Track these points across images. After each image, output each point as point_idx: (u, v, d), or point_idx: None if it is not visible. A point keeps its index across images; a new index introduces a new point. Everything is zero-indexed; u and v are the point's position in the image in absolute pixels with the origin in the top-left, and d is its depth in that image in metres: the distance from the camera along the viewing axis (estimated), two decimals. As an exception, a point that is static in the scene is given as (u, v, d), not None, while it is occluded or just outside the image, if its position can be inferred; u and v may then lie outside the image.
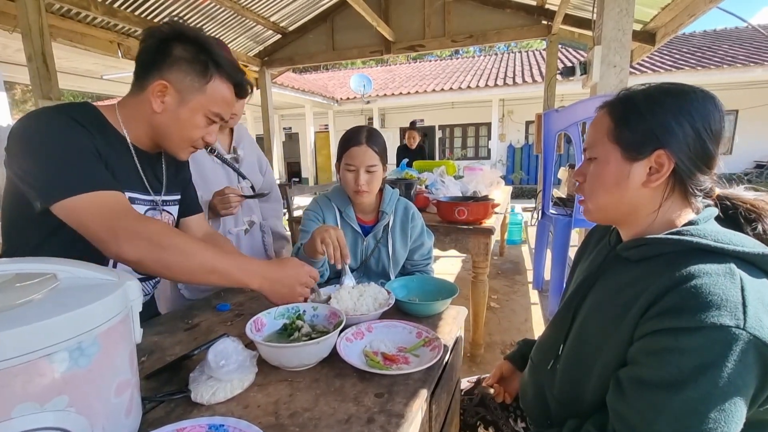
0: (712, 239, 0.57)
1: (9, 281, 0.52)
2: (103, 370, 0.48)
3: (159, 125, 0.90)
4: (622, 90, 0.69)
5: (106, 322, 0.48)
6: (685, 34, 11.01)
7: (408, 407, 0.64)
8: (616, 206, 0.69)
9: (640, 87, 0.68)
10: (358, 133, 1.23)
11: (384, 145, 1.28)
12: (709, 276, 0.54)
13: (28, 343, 0.41)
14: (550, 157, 2.81)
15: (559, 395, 0.75)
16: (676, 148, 0.62)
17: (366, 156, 1.21)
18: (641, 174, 0.65)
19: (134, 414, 0.55)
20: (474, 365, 2.18)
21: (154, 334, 0.92)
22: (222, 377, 0.66)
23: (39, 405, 0.42)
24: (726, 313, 0.50)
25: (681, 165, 0.62)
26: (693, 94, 0.63)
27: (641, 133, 0.64)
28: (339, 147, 1.27)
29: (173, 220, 1.06)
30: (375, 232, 1.31)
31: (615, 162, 0.67)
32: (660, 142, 0.62)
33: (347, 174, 1.23)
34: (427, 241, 1.40)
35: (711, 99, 0.63)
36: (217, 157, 1.31)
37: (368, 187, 1.22)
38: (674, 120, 0.62)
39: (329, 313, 0.88)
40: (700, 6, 2.83)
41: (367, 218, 1.34)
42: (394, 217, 1.33)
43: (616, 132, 0.67)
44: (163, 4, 3.94)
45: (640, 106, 0.65)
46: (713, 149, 0.62)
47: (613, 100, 0.70)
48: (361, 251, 1.31)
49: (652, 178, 0.64)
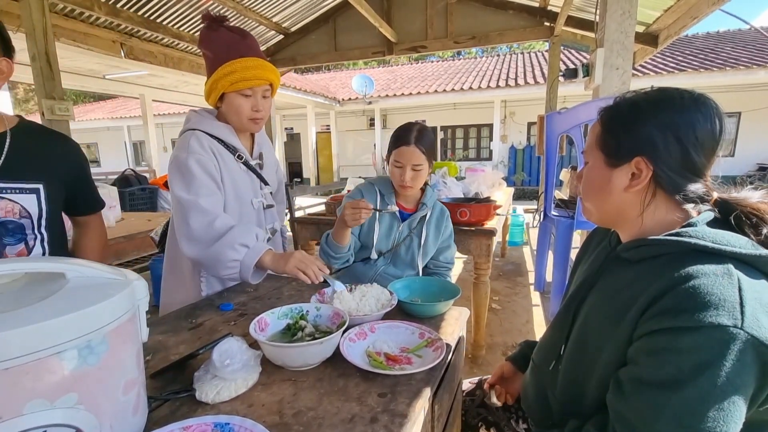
0: (710, 240, 0.58)
1: (19, 280, 0.53)
2: (112, 368, 0.49)
3: None
4: (618, 96, 0.71)
5: (114, 321, 0.49)
6: (687, 35, 10.99)
7: (411, 407, 0.64)
8: (604, 208, 0.72)
9: (631, 94, 0.69)
10: (409, 132, 1.31)
11: (432, 144, 1.36)
12: (707, 276, 0.54)
13: (40, 341, 0.42)
14: (553, 158, 2.81)
15: (561, 396, 0.75)
16: (655, 155, 0.63)
17: (413, 156, 1.30)
18: (623, 179, 0.67)
19: (141, 412, 0.56)
20: (475, 366, 2.18)
21: (159, 333, 0.93)
22: (226, 376, 0.67)
23: (49, 402, 0.43)
24: (724, 313, 0.51)
25: (660, 172, 0.64)
26: (677, 101, 0.63)
27: (621, 140, 0.67)
28: (390, 142, 1.37)
29: (20, 209, 0.96)
30: (411, 221, 1.40)
31: (599, 168, 0.70)
32: (639, 150, 0.64)
33: (395, 169, 1.33)
34: (453, 245, 1.52)
35: (698, 106, 0.63)
36: (244, 163, 1.24)
37: (413, 183, 1.32)
38: (654, 128, 0.63)
39: (332, 314, 0.88)
40: (702, 8, 2.83)
41: (408, 206, 1.43)
42: (432, 212, 1.44)
43: (601, 138, 0.70)
44: (165, 4, 3.95)
45: (623, 113, 0.67)
46: (697, 157, 0.62)
47: (607, 106, 0.71)
48: (395, 237, 1.38)
49: (633, 184, 0.66)
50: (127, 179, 4.70)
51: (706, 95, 0.64)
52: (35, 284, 0.52)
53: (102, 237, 1.23)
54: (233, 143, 1.20)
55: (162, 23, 4.19)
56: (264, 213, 1.32)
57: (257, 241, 1.07)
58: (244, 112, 1.16)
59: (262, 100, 1.18)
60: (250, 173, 1.26)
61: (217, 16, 1.16)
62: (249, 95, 1.15)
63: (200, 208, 1.07)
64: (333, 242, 1.30)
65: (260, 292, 1.20)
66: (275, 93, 1.25)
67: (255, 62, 1.13)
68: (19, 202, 0.94)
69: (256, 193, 1.28)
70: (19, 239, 0.96)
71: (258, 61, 1.13)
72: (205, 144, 1.13)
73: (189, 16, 4.30)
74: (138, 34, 4.25)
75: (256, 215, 1.28)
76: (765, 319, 0.51)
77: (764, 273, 0.57)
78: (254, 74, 1.12)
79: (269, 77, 1.16)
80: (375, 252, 1.37)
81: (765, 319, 0.51)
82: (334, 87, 12.43)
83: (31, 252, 0.98)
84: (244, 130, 1.24)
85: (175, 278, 1.26)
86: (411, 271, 1.43)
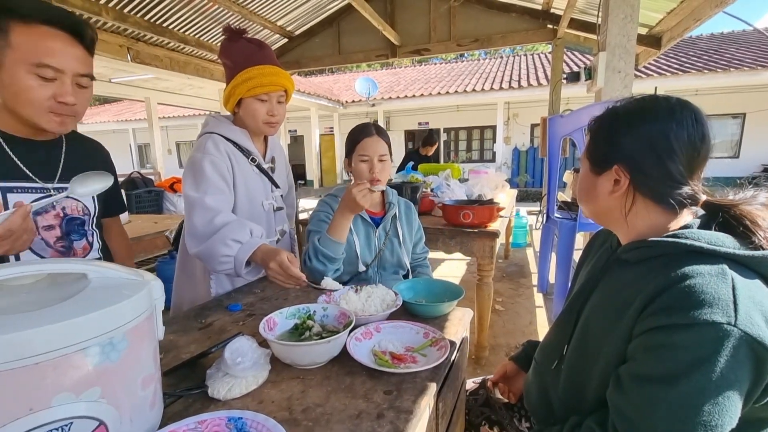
0: (706, 242, 0.60)
1: (43, 281, 0.56)
2: (131, 364, 0.52)
3: (3, 103, 0.84)
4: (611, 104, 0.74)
5: (134, 319, 0.51)
6: (691, 37, 10.96)
7: (416, 404, 0.66)
8: (594, 210, 0.77)
9: (620, 102, 0.72)
10: (368, 126, 1.33)
11: (389, 139, 1.36)
12: (701, 276, 0.56)
13: (66, 337, 0.44)
14: (556, 160, 2.82)
15: (563, 394, 0.77)
16: (631, 164, 0.67)
17: (378, 146, 1.29)
18: (606, 185, 0.71)
19: (157, 407, 0.58)
20: (479, 367, 2.19)
21: (170, 332, 0.95)
22: (238, 374, 0.69)
23: (75, 395, 0.45)
24: (718, 311, 0.53)
25: (637, 180, 0.67)
26: (651, 112, 0.66)
27: (603, 149, 0.71)
28: (348, 142, 1.35)
29: (83, 207, 1.02)
30: (384, 224, 1.38)
31: (586, 174, 0.76)
32: (618, 159, 0.69)
33: (361, 165, 1.29)
34: (423, 233, 1.54)
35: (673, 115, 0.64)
36: (257, 166, 1.28)
37: (381, 176, 1.29)
38: (630, 139, 0.67)
39: (339, 314, 0.90)
40: (705, 10, 2.84)
41: (375, 210, 1.42)
42: (399, 209, 1.43)
43: (588, 147, 0.75)
44: (172, 9, 4.00)
45: (605, 124, 0.72)
46: (674, 165, 0.64)
47: (595, 116, 0.75)
48: (375, 244, 1.37)
49: (615, 189, 0.70)
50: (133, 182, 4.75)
51: (685, 102, 0.66)
52: (59, 284, 0.55)
53: (126, 237, 1.30)
54: (247, 146, 1.26)
55: (168, 27, 4.25)
56: (274, 215, 1.36)
57: (251, 237, 1.09)
58: (260, 116, 1.22)
59: (277, 105, 1.24)
60: (262, 176, 1.31)
61: (237, 29, 1.24)
62: (265, 100, 1.22)
63: (205, 205, 1.11)
64: (332, 240, 1.16)
65: (268, 293, 1.22)
66: (290, 98, 1.30)
67: (271, 70, 1.20)
68: (81, 200, 1.02)
69: (267, 195, 1.33)
70: (82, 234, 1.03)
71: (273, 69, 1.20)
72: (221, 147, 1.19)
73: (194, 21, 4.35)
74: (144, 38, 4.30)
75: (266, 217, 1.33)
76: (758, 317, 0.53)
77: (758, 273, 0.59)
78: (270, 80, 1.19)
79: (284, 83, 1.23)
80: (362, 264, 1.34)
81: (758, 317, 0.53)
82: (337, 89, 12.49)
83: (92, 246, 1.05)
84: (260, 133, 1.29)
85: (186, 278, 1.30)
86: (401, 270, 1.43)
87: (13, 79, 0.80)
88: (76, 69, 0.85)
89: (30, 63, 0.79)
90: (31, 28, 0.79)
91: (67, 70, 0.84)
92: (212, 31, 4.67)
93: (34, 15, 0.79)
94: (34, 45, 0.79)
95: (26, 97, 0.82)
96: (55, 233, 0.97)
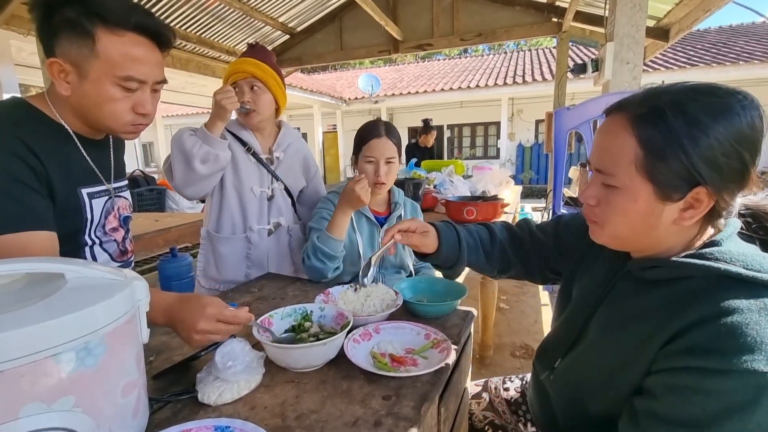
0: (741, 265, 0.52)
1: (19, 281, 0.53)
2: (110, 370, 0.48)
3: (78, 109, 0.79)
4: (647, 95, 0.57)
5: (112, 322, 0.48)
6: (699, 30, 10.78)
7: (416, 410, 0.63)
8: (637, 240, 0.62)
9: (671, 98, 0.54)
10: (377, 126, 1.28)
11: (400, 139, 1.33)
12: (741, 313, 0.49)
13: (36, 342, 0.41)
14: (561, 156, 2.77)
15: (564, 407, 0.73)
16: (720, 184, 0.53)
17: (386, 147, 1.26)
18: (674, 212, 0.56)
19: (141, 415, 0.55)
20: (483, 367, 2.15)
21: (162, 333, 0.92)
22: (229, 378, 0.66)
23: (45, 405, 0.42)
24: (761, 358, 0.46)
25: (721, 200, 0.55)
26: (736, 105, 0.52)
27: (681, 170, 0.53)
28: (357, 140, 1.32)
29: (130, 204, 1.03)
30: (389, 223, 1.34)
31: (644, 200, 0.56)
32: (701, 178, 0.53)
33: (367, 166, 1.27)
34: None
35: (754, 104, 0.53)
36: (253, 155, 1.37)
37: (386, 179, 1.27)
38: (721, 150, 0.52)
39: (337, 314, 0.87)
40: (715, 1, 2.77)
41: (380, 209, 1.38)
42: (405, 208, 1.39)
43: (648, 166, 0.55)
44: (173, 6, 3.98)
45: (679, 132, 0.53)
46: (753, 169, 0.54)
47: (640, 112, 0.56)
48: (378, 244, 1.33)
49: (686, 215, 0.55)
50: (135, 180, 4.76)
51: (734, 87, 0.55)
52: (35, 285, 0.52)
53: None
54: (242, 136, 1.38)
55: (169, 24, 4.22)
56: (268, 204, 1.42)
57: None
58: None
59: (249, 92, 1.32)
60: (259, 165, 1.38)
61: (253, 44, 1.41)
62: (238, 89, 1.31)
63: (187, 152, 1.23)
64: (332, 238, 1.16)
65: (264, 293, 1.19)
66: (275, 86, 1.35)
67: (244, 60, 1.32)
68: (128, 198, 1.04)
69: (261, 183, 1.40)
70: (128, 230, 1.04)
71: (248, 59, 1.31)
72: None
73: (196, 18, 4.32)
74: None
75: (258, 203, 1.40)
76: None
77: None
78: (236, 68, 1.32)
79: (249, 69, 1.30)
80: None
81: None
82: (340, 86, 12.43)
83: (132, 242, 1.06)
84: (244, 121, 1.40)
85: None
86: (404, 273, 1.39)
87: (99, 91, 0.76)
88: (157, 77, 0.83)
89: (117, 76, 0.75)
90: (120, 37, 0.74)
91: (149, 80, 0.81)
92: (213, 28, 4.64)
93: (124, 23, 0.74)
94: (123, 57, 0.75)
95: (110, 109, 0.78)
96: (120, 234, 0.98)
